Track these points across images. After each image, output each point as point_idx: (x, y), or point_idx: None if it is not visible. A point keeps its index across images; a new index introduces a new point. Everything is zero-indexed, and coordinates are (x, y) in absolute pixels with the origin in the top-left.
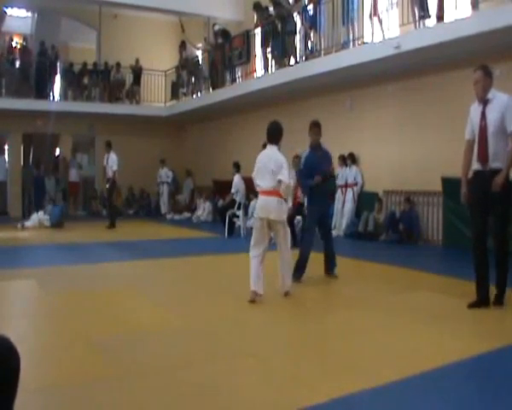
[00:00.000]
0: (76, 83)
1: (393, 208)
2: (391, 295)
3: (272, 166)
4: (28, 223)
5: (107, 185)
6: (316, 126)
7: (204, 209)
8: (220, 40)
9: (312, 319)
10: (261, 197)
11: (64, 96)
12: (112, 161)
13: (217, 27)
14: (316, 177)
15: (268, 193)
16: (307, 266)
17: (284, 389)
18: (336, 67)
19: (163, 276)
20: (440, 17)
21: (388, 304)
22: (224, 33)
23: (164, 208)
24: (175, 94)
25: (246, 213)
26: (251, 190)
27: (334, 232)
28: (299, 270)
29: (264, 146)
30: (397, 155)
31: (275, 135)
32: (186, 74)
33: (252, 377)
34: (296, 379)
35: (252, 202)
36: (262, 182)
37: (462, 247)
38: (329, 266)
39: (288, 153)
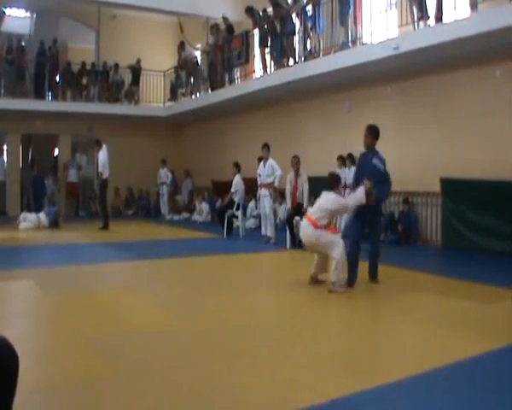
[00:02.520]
0: (75, 83)
1: (392, 209)
2: (390, 295)
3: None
4: (26, 224)
5: (98, 185)
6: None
7: (203, 210)
8: (225, 34)
9: (313, 319)
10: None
11: (63, 96)
12: (101, 160)
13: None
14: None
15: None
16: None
17: (283, 389)
18: (335, 68)
19: (162, 276)
20: (439, 18)
21: (388, 305)
22: (230, 28)
23: (164, 209)
24: (174, 94)
25: (244, 213)
26: (250, 191)
27: None
28: (349, 276)
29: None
30: (396, 155)
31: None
32: (185, 75)
33: (252, 378)
34: (295, 379)
35: (250, 203)
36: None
37: (462, 248)
38: (372, 271)
39: (286, 153)
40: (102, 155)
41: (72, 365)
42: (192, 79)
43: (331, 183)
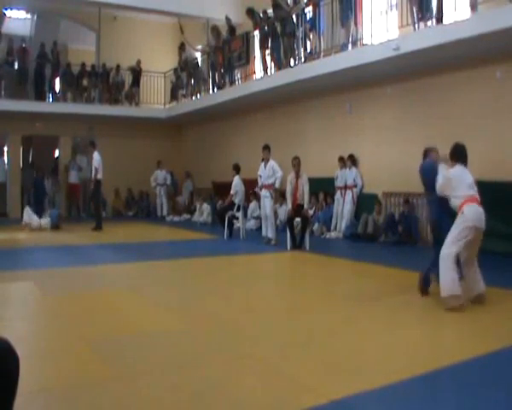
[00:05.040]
0: (75, 84)
1: (392, 210)
2: (390, 296)
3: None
4: (35, 222)
5: (92, 186)
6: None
7: (203, 211)
8: (226, 35)
9: (312, 319)
10: (474, 205)
11: (63, 97)
12: (95, 161)
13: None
14: None
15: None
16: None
17: (284, 391)
18: (335, 69)
19: (163, 277)
20: (439, 19)
21: (388, 305)
22: (232, 29)
23: (161, 210)
24: (174, 96)
25: (245, 214)
26: (250, 192)
27: (333, 234)
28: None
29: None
30: (396, 156)
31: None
32: (185, 76)
33: (252, 379)
34: (296, 381)
35: (251, 204)
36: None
37: None
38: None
39: (287, 154)
40: (97, 156)
41: (73, 366)
42: (192, 81)
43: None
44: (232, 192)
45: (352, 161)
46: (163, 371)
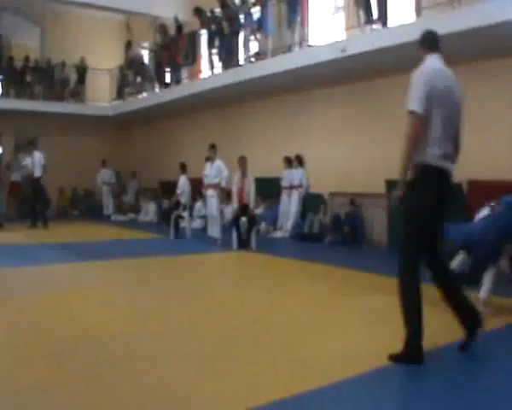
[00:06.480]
0: (18, 80)
1: (339, 211)
2: (337, 295)
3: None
4: None
5: (32, 185)
6: None
7: (149, 210)
8: (173, 33)
9: (265, 319)
10: None
11: (6, 93)
12: (35, 159)
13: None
14: None
15: None
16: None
17: (233, 390)
18: (282, 70)
19: (111, 278)
20: (385, 22)
21: (335, 304)
22: (179, 29)
23: (106, 209)
24: (121, 94)
25: (191, 214)
26: (196, 192)
27: (279, 233)
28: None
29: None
30: (343, 157)
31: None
32: (132, 74)
33: (210, 380)
34: (246, 378)
35: (197, 204)
36: None
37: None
38: None
39: (234, 153)
40: (37, 154)
41: (22, 370)
42: (139, 79)
43: None
44: (178, 192)
45: (298, 161)
46: (112, 374)
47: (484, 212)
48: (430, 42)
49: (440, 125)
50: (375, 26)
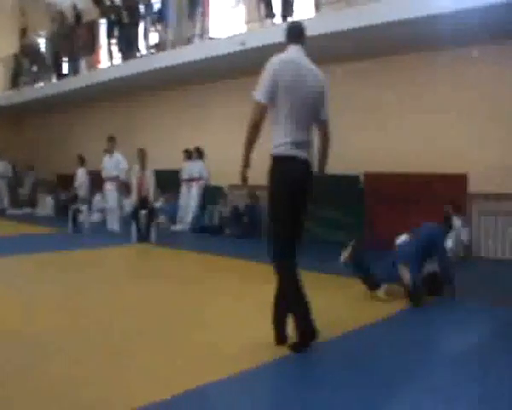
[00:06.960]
0: None
1: (237, 203)
2: (237, 286)
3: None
4: None
5: None
6: None
7: (46, 204)
8: (71, 21)
9: (167, 311)
10: None
11: None
12: None
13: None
14: None
15: None
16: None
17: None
18: (182, 61)
19: (6, 274)
20: (285, 16)
21: (236, 295)
22: (78, 17)
23: (1, 203)
24: (15, 83)
25: (90, 207)
26: (95, 185)
27: (179, 226)
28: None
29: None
30: (241, 150)
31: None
32: (28, 62)
33: (108, 372)
34: (149, 373)
35: (96, 197)
36: None
37: (308, 240)
38: None
39: (134, 146)
40: None
41: None
42: (35, 68)
43: None
44: (76, 185)
45: (198, 153)
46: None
47: (402, 237)
48: (290, 33)
49: (289, 114)
50: (275, 21)
